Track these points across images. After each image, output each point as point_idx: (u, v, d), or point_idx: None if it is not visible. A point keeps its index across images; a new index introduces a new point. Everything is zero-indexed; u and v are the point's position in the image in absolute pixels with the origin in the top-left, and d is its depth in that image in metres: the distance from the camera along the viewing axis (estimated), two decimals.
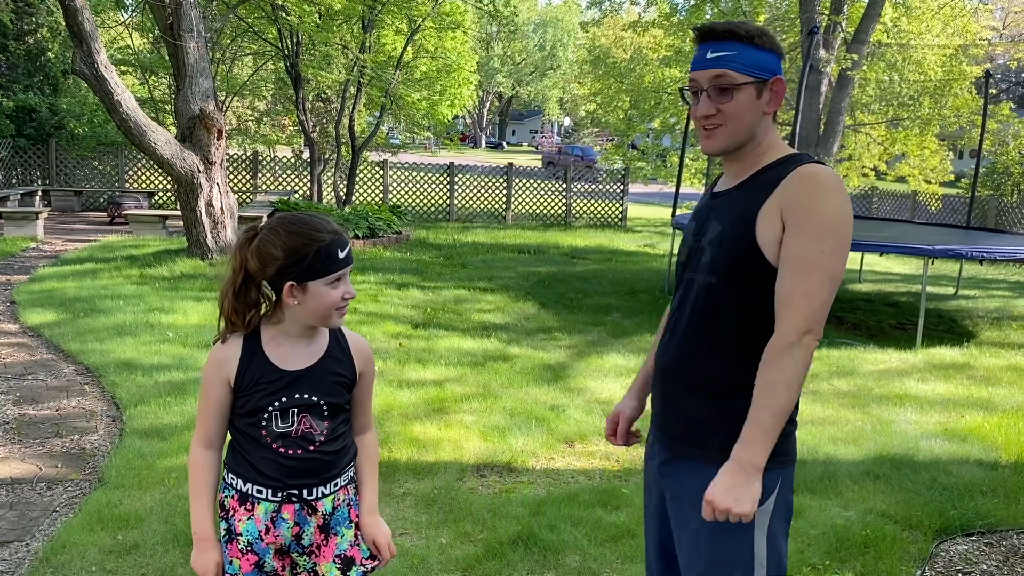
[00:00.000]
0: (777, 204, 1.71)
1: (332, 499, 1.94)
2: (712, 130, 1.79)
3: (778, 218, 1.71)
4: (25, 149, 16.07)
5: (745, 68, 1.74)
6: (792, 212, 1.69)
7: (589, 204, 18.21)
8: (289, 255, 1.79)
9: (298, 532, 1.92)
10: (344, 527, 1.96)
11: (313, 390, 1.89)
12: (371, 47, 15.19)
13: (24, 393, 5.27)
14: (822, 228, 1.67)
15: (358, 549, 1.97)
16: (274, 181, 17.55)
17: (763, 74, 1.76)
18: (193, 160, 9.47)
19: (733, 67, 1.74)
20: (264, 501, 1.89)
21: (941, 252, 7.68)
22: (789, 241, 1.69)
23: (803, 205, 1.68)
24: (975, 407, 5.65)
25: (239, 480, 1.91)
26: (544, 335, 7.29)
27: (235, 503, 1.91)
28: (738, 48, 1.75)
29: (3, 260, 10.07)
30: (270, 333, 1.91)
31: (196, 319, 7.24)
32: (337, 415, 1.93)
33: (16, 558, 3.27)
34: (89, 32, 8.45)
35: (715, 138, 1.80)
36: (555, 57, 63.73)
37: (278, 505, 1.89)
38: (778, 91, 1.79)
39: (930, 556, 3.49)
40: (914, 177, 17.31)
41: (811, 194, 1.69)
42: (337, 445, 1.94)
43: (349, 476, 1.99)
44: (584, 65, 27.03)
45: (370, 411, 2.07)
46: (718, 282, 1.78)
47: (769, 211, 1.72)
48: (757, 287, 1.74)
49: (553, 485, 4.10)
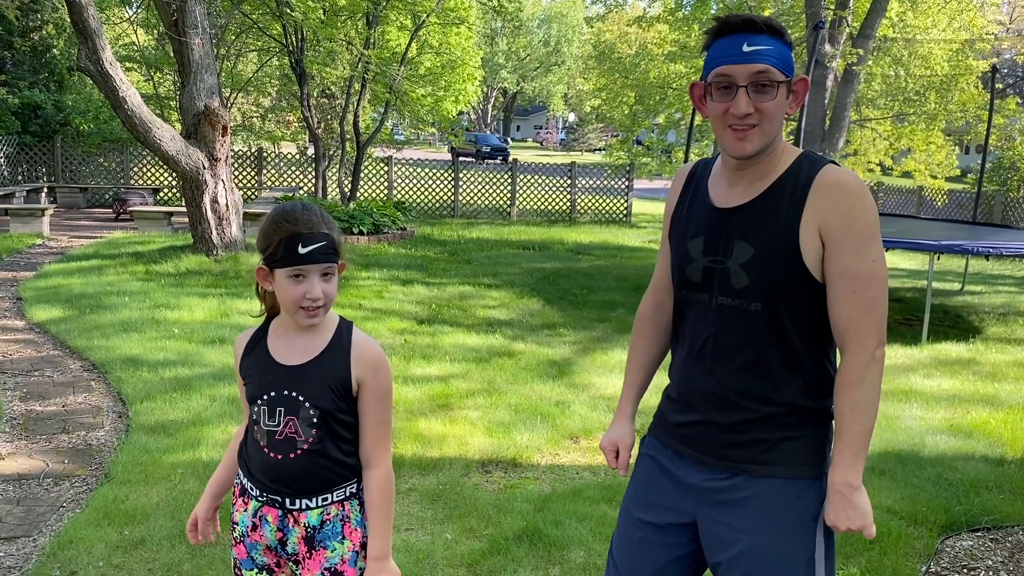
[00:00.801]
0: (813, 221, 1.65)
1: (320, 512, 1.81)
2: (746, 131, 1.67)
3: (816, 235, 1.66)
4: (31, 146, 16.11)
5: (781, 66, 1.65)
6: (834, 229, 1.64)
7: (594, 200, 18.20)
8: (262, 239, 1.79)
9: (282, 538, 1.83)
10: (336, 541, 1.82)
11: (299, 389, 1.79)
12: (375, 43, 15.18)
13: (31, 389, 5.29)
14: (867, 238, 1.64)
15: (353, 569, 1.83)
16: (279, 177, 17.57)
17: (791, 73, 1.68)
18: (198, 156, 9.48)
19: (774, 63, 1.64)
20: (253, 499, 1.85)
21: (947, 247, 7.65)
22: (839, 259, 1.65)
23: (845, 220, 1.64)
24: (981, 403, 5.64)
25: (241, 472, 1.90)
26: (549, 331, 7.30)
27: (237, 492, 1.91)
28: (774, 43, 1.65)
29: (9, 257, 10.10)
30: (277, 323, 1.88)
31: (201, 315, 7.26)
32: (328, 425, 1.79)
33: (23, 553, 3.29)
34: (94, 29, 8.46)
35: (751, 139, 1.67)
36: (560, 52, 63.63)
37: (262, 505, 1.84)
38: (800, 91, 1.71)
39: (935, 552, 3.49)
40: (920, 172, 17.27)
41: (848, 206, 1.64)
42: (324, 461, 1.80)
43: (348, 492, 1.84)
44: (589, 60, 27.04)
45: (376, 439, 1.83)
46: (765, 308, 1.70)
47: (807, 229, 1.66)
48: (808, 306, 1.70)
49: (558, 481, 4.11)
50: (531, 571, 3.20)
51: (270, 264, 1.77)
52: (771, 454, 1.73)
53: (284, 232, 1.74)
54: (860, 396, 1.65)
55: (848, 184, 1.65)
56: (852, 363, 1.66)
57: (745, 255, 1.71)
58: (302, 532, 1.81)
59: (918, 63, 16.59)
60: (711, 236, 1.76)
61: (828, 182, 1.66)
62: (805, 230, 1.66)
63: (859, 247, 1.64)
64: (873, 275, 1.65)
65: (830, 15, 13.66)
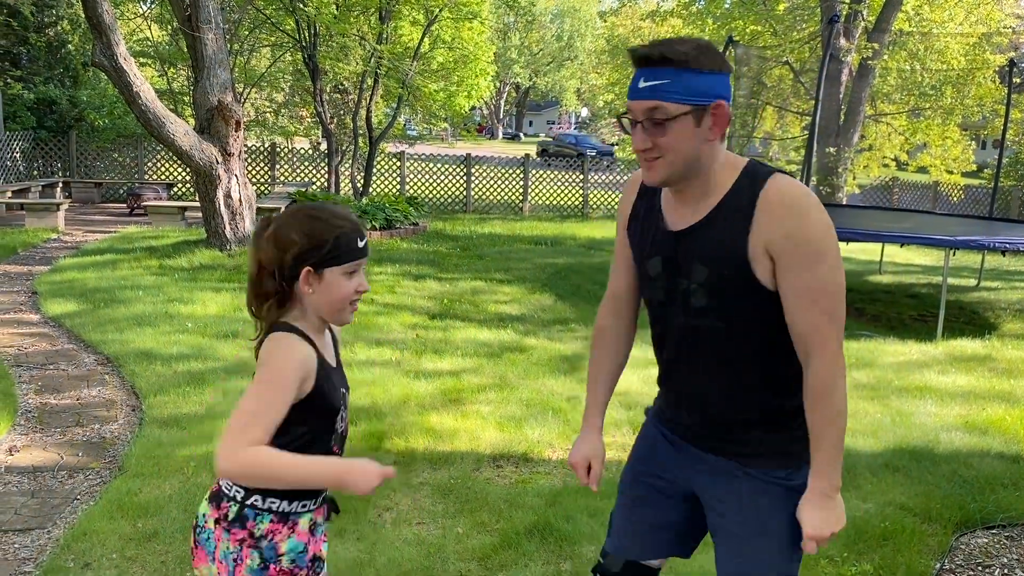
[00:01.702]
0: (760, 240, 1.66)
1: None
2: (652, 162, 1.69)
3: (765, 254, 1.67)
4: (46, 141, 16.20)
5: (682, 97, 1.62)
6: (782, 246, 1.65)
7: (606, 195, 18.16)
8: (309, 240, 1.73)
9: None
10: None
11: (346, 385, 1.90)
12: (388, 38, 15.17)
13: (46, 382, 5.32)
14: (817, 252, 1.65)
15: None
16: (292, 172, 17.62)
17: (702, 100, 1.63)
18: (211, 151, 9.51)
19: (668, 97, 1.62)
20: (305, 513, 1.80)
21: (963, 243, 7.59)
22: (791, 275, 1.66)
23: (791, 236, 1.64)
24: (996, 400, 5.59)
25: (282, 502, 1.76)
26: (561, 326, 7.29)
27: (274, 525, 1.76)
28: (673, 75, 1.61)
29: (25, 251, 10.18)
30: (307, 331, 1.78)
31: (215, 309, 7.29)
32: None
33: (38, 544, 3.31)
34: (108, 24, 8.50)
35: (655, 170, 1.70)
36: (572, 47, 63.41)
37: (314, 511, 1.83)
38: (720, 115, 1.66)
39: (950, 549, 3.46)
40: (936, 167, 17.12)
41: (793, 222, 1.64)
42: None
43: None
44: (602, 55, 26.97)
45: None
46: (726, 325, 1.76)
47: (755, 247, 1.67)
48: (766, 320, 1.74)
49: (569, 476, 4.10)
50: (542, 565, 3.20)
51: (323, 264, 1.74)
52: (752, 453, 1.83)
53: (340, 229, 1.74)
54: (828, 408, 1.71)
55: (791, 198, 1.66)
56: (820, 373, 1.70)
57: (701, 275, 1.74)
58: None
59: (934, 57, 16.43)
60: (668, 257, 1.81)
61: (772, 199, 1.66)
62: (754, 248, 1.68)
63: (811, 261, 1.65)
64: (828, 285, 1.67)
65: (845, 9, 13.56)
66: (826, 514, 1.73)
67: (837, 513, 1.74)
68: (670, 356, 1.89)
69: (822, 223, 1.65)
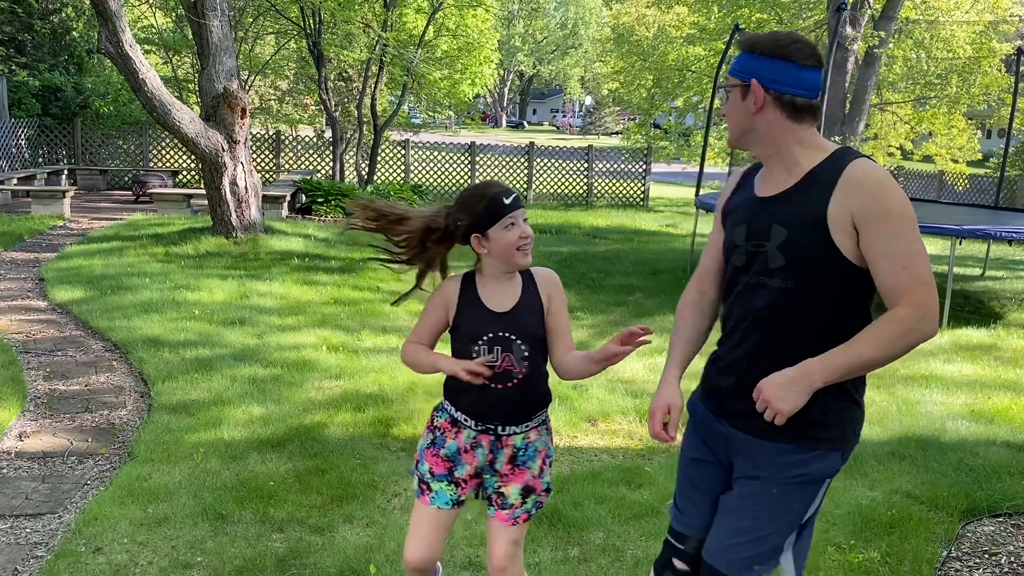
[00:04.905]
0: (846, 209, 1.81)
1: (522, 437, 2.29)
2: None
3: (849, 222, 1.81)
4: (51, 128, 16.19)
5: (735, 73, 1.93)
6: (870, 216, 1.79)
7: (611, 184, 18.12)
8: (467, 212, 2.22)
9: (492, 459, 2.29)
10: (532, 461, 2.30)
11: (511, 328, 2.23)
12: (393, 25, 15.12)
13: (54, 369, 5.35)
14: (907, 222, 1.80)
15: (539, 482, 2.32)
16: (296, 160, 17.59)
17: (743, 76, 1.91)
18: (217, 139, 9.50)
19: (732, 72, 1.94)
20: (468, 428, 2.27)
21: (968, 232, 7.58)
22: (883, 240, 1.79)
23: (880, 207, 1.79)
24: (1002, 389, 5.59)
25: (453, 407, 2.30)
26: None
27: (447, 424, 2.31)
28: (740, 57, 1.95)
29: (31, 238, 10.20)
30: (481, 280, 2.29)
31: (221, 296, 7.31)
32: (534, 354, 2.24)
33: (49, 529, 3.34)
34: (114, 11, 8.48)
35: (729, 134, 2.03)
36: (577, 35, 63.17)
37: (477, 434, 2.27)
38: (755, 92, 1.90)
39: (956, 537, 3.48)
40: (941, 156, 17.07)
41: (881, 195, 1.80)
42: (527, 388, 2.24)
43: (540, 420, 2.33)
44: (606, 43, 26.82)
45: (569, 335, 2.36)
46: (796, 285, 1.88)
47: (837, 215, 1.82)
48: (837, 284, 1.86)
49: (576, 463, 4.12)
50: (551, 551, 3.22)
51: (485, 226, 2.19)
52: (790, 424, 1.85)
53: (488, 195, 2.20)
54: (886, 335, 1.78)
55: (876, 176, 1.82)
56: (900, 312, 1.78)
57: (780, 237, 1.89)
58: (509, 452, 2.28)
59: (940, 46, 16.36)
60: (752, 223, 1.97)
61: (857, 176, 1.82)
62: (835, 214, 1.82)
63: (902, 229, 1.79)
64: (921, 253, 1.80)
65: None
66: (784, 384, 1.80)
67: (788, 394, 1.79)
68: (735, 320, 2.01)
69: (904, 198, 1.82)
